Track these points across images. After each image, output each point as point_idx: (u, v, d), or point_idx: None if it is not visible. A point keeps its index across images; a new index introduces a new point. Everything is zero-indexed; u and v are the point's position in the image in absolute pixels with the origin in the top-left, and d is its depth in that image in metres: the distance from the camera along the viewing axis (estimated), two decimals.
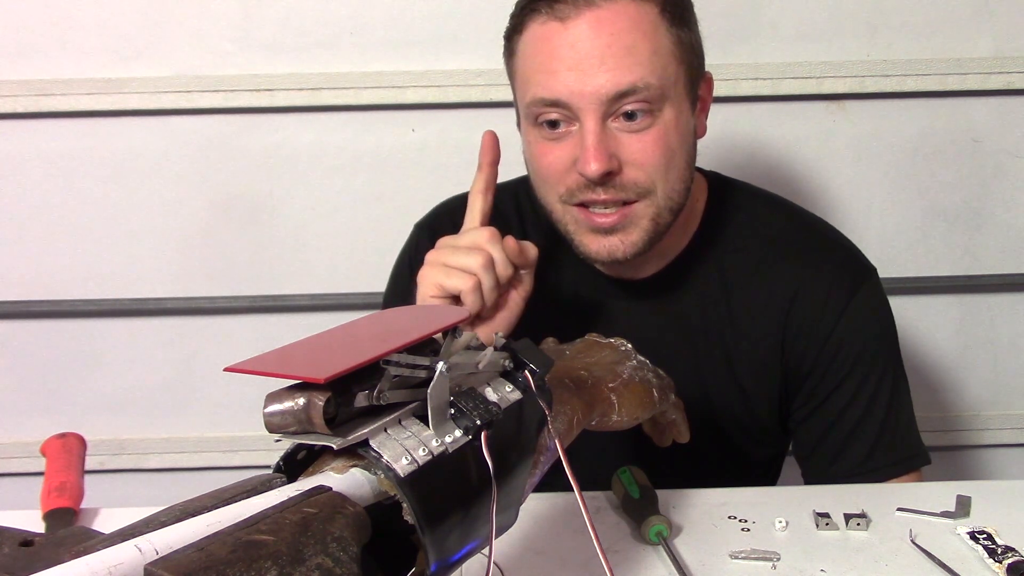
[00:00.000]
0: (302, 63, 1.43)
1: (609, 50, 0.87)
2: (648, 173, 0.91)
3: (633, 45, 0.87)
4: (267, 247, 1.51)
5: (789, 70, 1.44)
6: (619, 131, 0.90)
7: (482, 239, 0.89)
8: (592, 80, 0.87)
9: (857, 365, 1.00)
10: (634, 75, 0.87)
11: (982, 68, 1.45)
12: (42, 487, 0.89)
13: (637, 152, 0.90)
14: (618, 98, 0.88)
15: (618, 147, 0.89)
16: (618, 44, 0.87)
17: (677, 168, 0.93)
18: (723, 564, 0.79)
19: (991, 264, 1.55)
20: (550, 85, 0.89)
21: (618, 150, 0.89)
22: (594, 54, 0.87)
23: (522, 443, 0.59)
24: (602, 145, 0.88)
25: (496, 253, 0.88)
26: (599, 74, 0.87)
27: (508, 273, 0.89)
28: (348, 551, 0.43)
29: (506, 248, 0.89)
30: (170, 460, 1.59)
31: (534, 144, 0.94)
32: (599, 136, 0.88)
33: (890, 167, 1.50)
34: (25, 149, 1.47)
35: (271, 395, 0.48)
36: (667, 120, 0.90)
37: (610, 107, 0.88)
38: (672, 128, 0.91)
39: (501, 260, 0.88)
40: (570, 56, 0.88)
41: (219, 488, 0.48)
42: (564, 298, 1.05)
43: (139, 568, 0.39)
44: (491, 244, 0.88)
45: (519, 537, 0.82)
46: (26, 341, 1.55)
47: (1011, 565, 0.75)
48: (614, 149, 0.89)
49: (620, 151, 0.90)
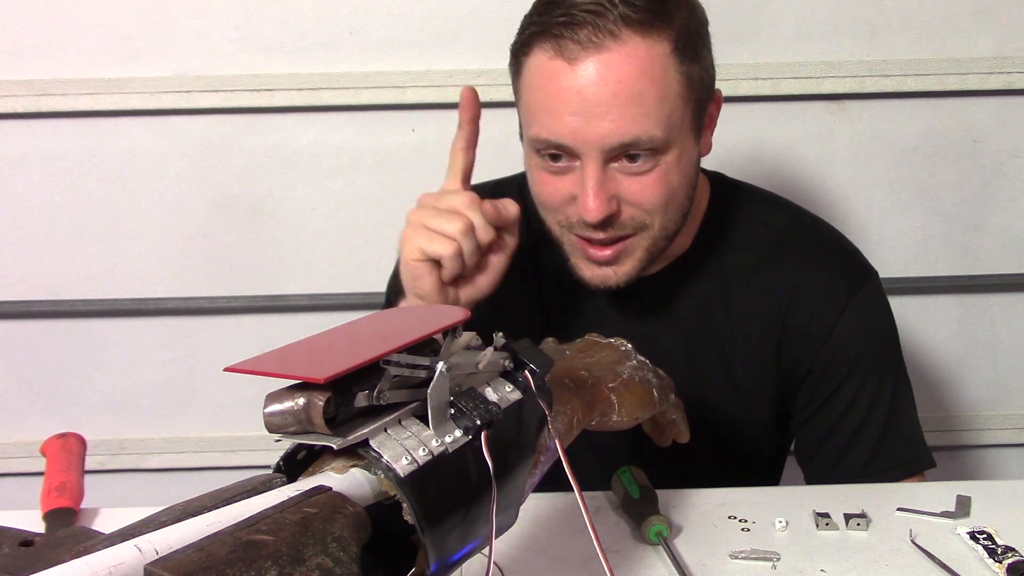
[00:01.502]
0: (302, 63, 1.43)
1: (615, 100, 0.84)
2: (646, 210, 0.90)
3: (640, 93, 0.85)
4: (267, 247, 1.51)
5: (789, 70, 1.44)
6: (619, 172, 0.88)
7: (461, 204, 0.88)
8: (596, 127, 0.85)
9: (856, 368, 1.00)
10: (639, 128, 0.85)
11: (982, 68, 1.44)
12: (42, 487, 0.89)
13: (637, 193, 0.89)
14: (621, 147, 0.87)
15: (618, 188, 0.89)
16: (625, 93, 0.84)
17: (676, 201, 0.92)
18: (723, 564, 0.79)
19: (991, 264, 1.55)
20: (554, 128, 0.87)
21: (618, 191, 0.89)
22: (600, 102, 0.85)
23: (522, 443, 0.59)
24: (602, 190, 0.87)
25: (476, 218, 0.87)
26: (604, 122, 0.85)
27: (488, 237, 0.88)
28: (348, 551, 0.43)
29: (484, 213, 0.88)
30: (170, 460, 1.59)
31: (535, 171, 0.94)
32: (600, 181, 0.87)
33: (890, 167, 1.50)
34: (25, 149, 1.47)
35: (271, 395, 0.48)
36: (669, 161, 0.89)
37: (612, 152, 0.87)
38: (674, 168, 0.90)
39: (481, 225, 0.87)
40: (576, 101, 0.85)
41: (219, 488, 0.48)
42: (563, 297, 1.05)
43: (139, 568, 0.39)
44: (470, 209, 0.87)
45: (519, 537, 0.82)
46: (26, 341, 1.55)
47: (1011, 565, 0.75)
48: (614, 191, 0.88)
49: (620, 191, 0.89)
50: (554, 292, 1.05)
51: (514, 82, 0.94)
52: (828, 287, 1.00)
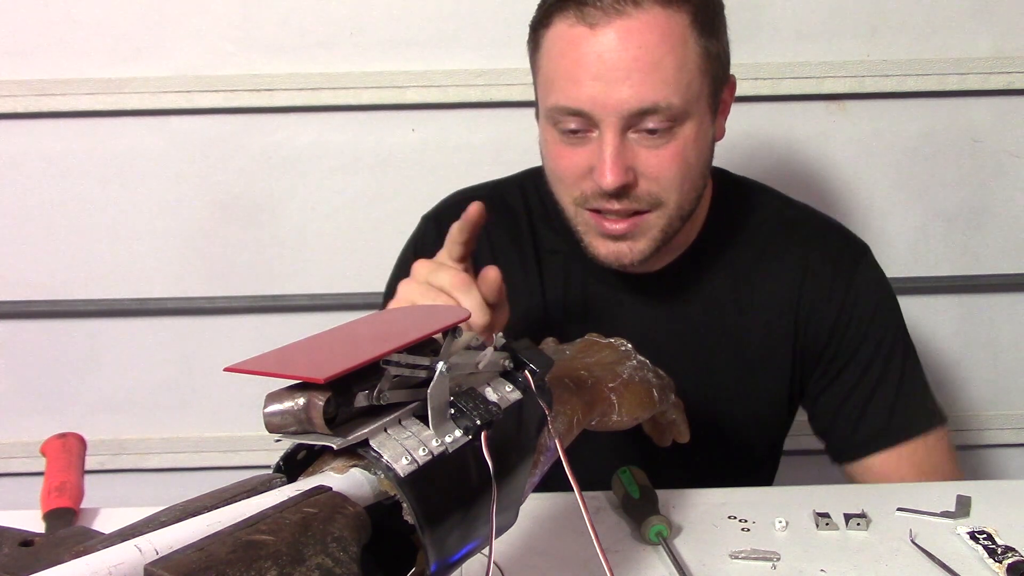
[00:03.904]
0: (302, 63, 1.43)
1: (636, 64, 0.86)
2: (663, 186, 0.91)
3: (660, 60, 0.86)
4: (267, 247, 1.51)
5: (789, 70, 1.44)
6: (637, 143, 0.89)
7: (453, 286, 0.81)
8: (616, 93, 0.86)
9: (869, 333, 1.03)
10: (658, 94, 0.86)
11: (982, 68, 1.45)
12: (42, 487, 0.89)
13: (654, 167, 0.90)
14: (640, 114, 0.87)
15: (635, 160, 0.89)
16: (645, 58, 0.86)
17: (692, 179, 0.93)
18: (723, 564, 0.79)
19: (991, 264, 1.55)
20: (573, 94, 0.88)
21: (635, 162, 0.89)
22: (620, 66, 0.86)
23: (522, 443, 0.59)
24: (620, 159, 0.88)
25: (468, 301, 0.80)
26: (623, 88, 0.86)
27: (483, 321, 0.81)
28: (348, 551, 0.43)
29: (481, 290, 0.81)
30: (170, 460, 1.59)
31: (551, 144, 0.94)
32: (617, 149, 0.88)
33: (890, 167, 1.50)
34: (25, 149, 1.47)
35: (271, 395, 0.48)
36: (687, 135, 0.90)
37: (631, 121, 0.88)
38: (691, 142, 0.90)
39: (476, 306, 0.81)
40: (596, 66, 0.86)
41: (219, 488, 0.48)
42: (571, 293, 1.05)
43: (139, 568, 0.39)
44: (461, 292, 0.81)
45: (519, 537, 0.82)
46: (26, 341, 1.55)
47: (1011, 565, 0.75)
48: (631, 162, 0.89)
49: (637, 163, 0.89)
50: (562, 288, 1.05)
51: (532, 58, 0.95)
52: (835, 264, 1.03)
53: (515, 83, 1.39)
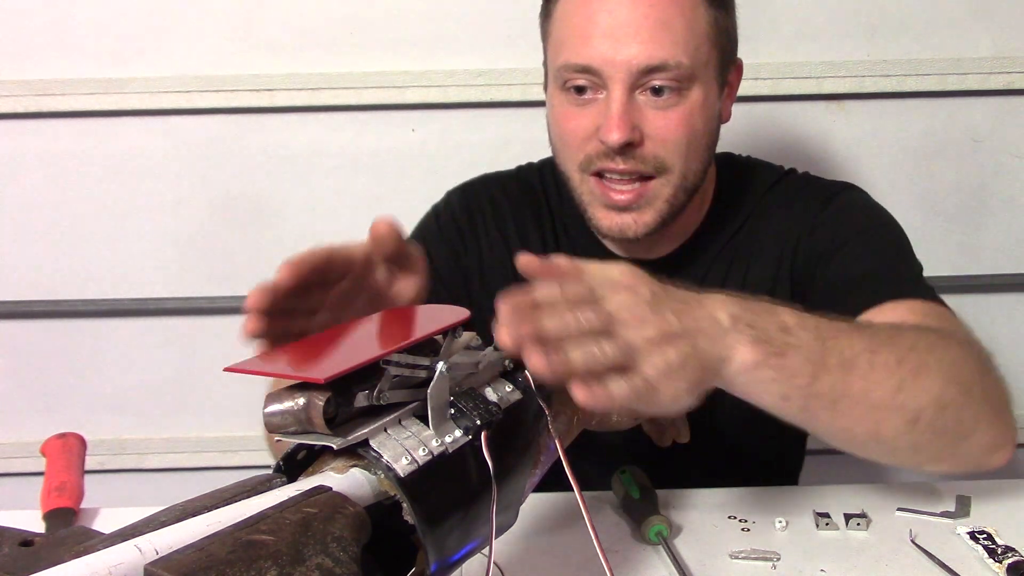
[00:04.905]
0: (302, 63, 1.43)
1: (645, 21, 0.88)
2: (668, 150, 0.91)
3: (669, 20, 0.88)
4: (267, 247, 1.51)
5: (789, 70, 1.44)
6: (645, 104, 0.90)
7: None
8: (625, 49, 0.88)
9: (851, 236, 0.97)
10: (667, 51, 0.88)
11: (982, 68, 1.44)
12: (42, 487, 0.89)
13: (660, 128, 0.90)
14: (648, 72, 0.88)
15: (642, 119, 0.90)
16: (655, 16, 0.88)
17: (697, 149, 0.93)
18: (723, 564, 0.79)
19: (991, 264, 1.55)
20: (582, 51, 0.89)
21: (642, 122, 0.90)
22: (630, 23, 0.88)
23: (522, 443, 0.59)
24: (626, 115, 0.89)
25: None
26: (632, 44, 0.88)
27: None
28: (348, 551, 0.43)
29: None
30: (170, 460, 1.59)
31: (559, 108, 0.95)
32: (624, 106, 0.89)
33: (890, 167, 1.50)
34: (25, 149, 1.47)
35: (271, 395, 0.48)
36: (694, 100, 0.91)
37: (639, 79, 0.89)
38: (698, 109, 0.91)
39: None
40: (606, 22, 0.88)
41: (219, 488, 0.48)
42: None
43: (139, 568, 0.39)
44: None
45: (519, 537, 0.82)
46: (26, 341, 1.54)
47: (1011, 565, 0.75)
48: (638, 121, 0.90)
49: (644, 124, 0.90)
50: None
51: (544, 28, 0.97)
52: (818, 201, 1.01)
53: (515, 83, 1.39)
